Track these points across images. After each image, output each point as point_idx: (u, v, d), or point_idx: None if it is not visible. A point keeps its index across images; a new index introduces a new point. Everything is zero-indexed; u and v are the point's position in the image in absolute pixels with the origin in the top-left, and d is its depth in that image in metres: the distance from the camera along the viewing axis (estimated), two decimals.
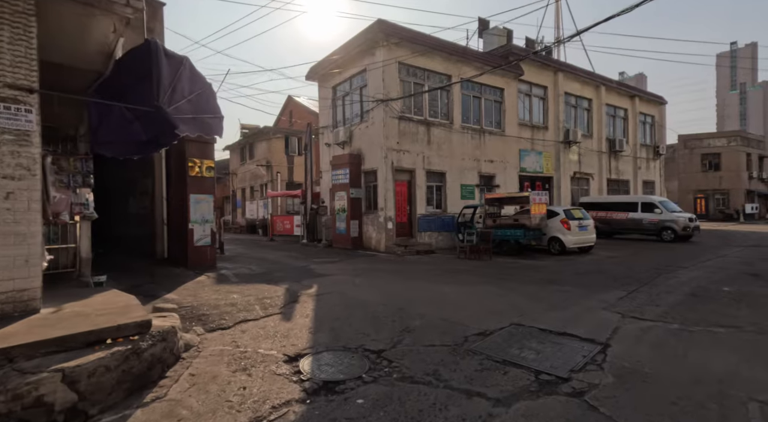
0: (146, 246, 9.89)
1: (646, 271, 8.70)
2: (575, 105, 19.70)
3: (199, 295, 6.37)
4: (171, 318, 4.01)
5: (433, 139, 14.10)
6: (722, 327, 4.75)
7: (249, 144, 24.47)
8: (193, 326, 4.71)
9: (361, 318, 5.22)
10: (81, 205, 5.08)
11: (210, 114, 4.34)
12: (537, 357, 3.92)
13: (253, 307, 5.71)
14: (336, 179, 14.24)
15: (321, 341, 4.36)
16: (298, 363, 3.75)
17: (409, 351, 4.08)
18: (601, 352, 4.02)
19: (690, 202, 34.72)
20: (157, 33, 9.04)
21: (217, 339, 4.38)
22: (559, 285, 7.42)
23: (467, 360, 3.87)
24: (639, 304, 5.87)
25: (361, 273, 8.89)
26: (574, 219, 12.19)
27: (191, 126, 4.17)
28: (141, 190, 9.94)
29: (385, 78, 12.85)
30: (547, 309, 5.65)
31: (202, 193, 8.87)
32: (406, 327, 4.88)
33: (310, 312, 5.52)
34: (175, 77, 3.99)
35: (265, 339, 4.42)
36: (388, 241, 12.88)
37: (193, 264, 8.70)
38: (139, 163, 9.92)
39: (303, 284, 7.53)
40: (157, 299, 5.95)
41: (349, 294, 6.63)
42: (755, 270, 8.59)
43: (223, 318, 5.13)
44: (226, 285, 7.34)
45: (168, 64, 3.94)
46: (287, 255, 12.12)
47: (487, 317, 5.27)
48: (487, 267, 9.70)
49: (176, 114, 4.01)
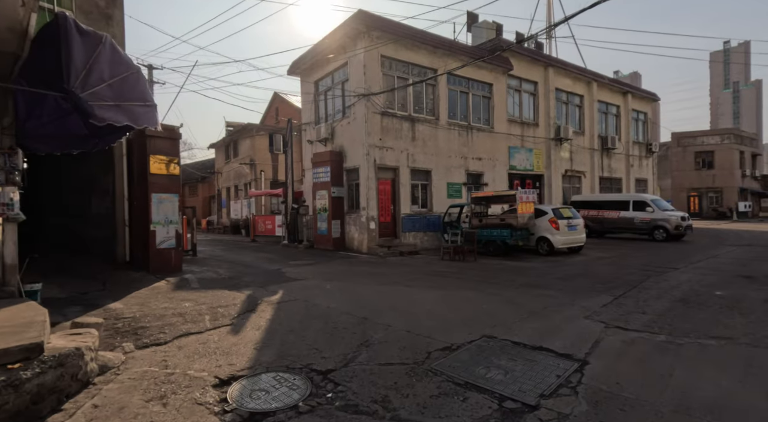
0: (106, 249, 9.32)
1: (635, 273, 8.27)
2: (566, 101, 19.28)
3: (148, 304, 5.84)
4: (86, 335, 3.49)
5: (418, 135, 13.60)
6: (713, 339, 4.30)
7: (233, 142, 23.84)
8: (123, 342, 4.19)
9: (318, 331, 4.72)
10: (4, 206, 4.52)
11: (138, 101, 3.82)
12: (504, 379, 3.45)
13: (203, 318, 5.19)
14: (317, 177, 13.71)
15: (264, 359, 3.86)
16: (228, 389, 3.25)
17: (360, 371, 3.59)
18: (577, 371, 3.55)
19: (683, 200, 34.50)
20: (117, 21, 8.46)
21: (146, 357, 3.86)
22: (543, 289, 6.96)
23: (425, 382, 3.39)
24: (625, 312, 5.41)
25: (335, 277, 8.39)
26: (563, 219, 11.75)
27: (114, 114, 3.65)
28: (102, 189, 9.37)
29: (367, 72, 12.33)
30: (525, 318, 5.19)
31: (165, 192, 8.31)
32: (366, 340, 4.39)
33: (264, 324, 5.01)
34: (92, 58, 3.48)
35: (201, 357, 3.90)
36: (370, 242, 12.38)
37: (156, 269, 8.15)
38: (100, 160, 9.36)
39: (269, 290, 7.02)
40: (97, 309, 5.42)
41: (314, 302, 6.13)
42: (749, 272, 8.18)
43: (163, 332, 4.61)
44: (184, 291, 6.81)
45: (82, 42, 3.42)
46: (263, 258, 11.58)
47: (458, 328, 4.79)
48: (470, 270, 9.24)
49: (93, 100, 3.49)
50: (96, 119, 3.52)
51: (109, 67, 3.63)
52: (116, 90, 3.69)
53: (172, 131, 8.52)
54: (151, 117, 3.97)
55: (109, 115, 3.62)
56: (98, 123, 3.58)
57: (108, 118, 3.59)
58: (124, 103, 3.75)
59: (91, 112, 3.48)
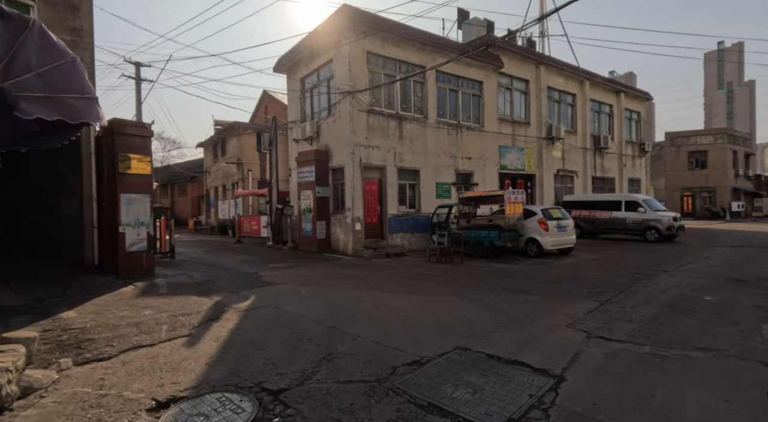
0: (76, 253, 8.92)
1: (624, 277, 8.01)
2: (559, 100, 19.04)
3: (105, 313, 5.48)
4: (8, 354, 3.14)
5: (405, 134, 13.29)
6: (700, 351, 4.02)
7: (221, 140, 23.39)
8: (61, 358, 3.84)
9: (281, 342, 4.40)
10: None
11: (75, 93, 3.48)
12: (472, 398, 3.14)
13: (160, 328, 4.85)
14: (302, 177, 13.36)
15: (213, 376, 3.53)
16: (163, 414, 2.92)
17: (316, 391, 3.27)
18: (552, 390, 3.25)
19: (677, 200, 34.45)
20: (85, 12, 8.06)
21: (83, 376, 3.52)
22: (527, 294, 6.68)
23: (384, 403, 3.07)
24: (609, 319, 5.13)
25: (313, 281, 8.06)
26: (552, 220, 11.48)
27: (44, 108, 3.30)
28: (71, 189, 8.97)
29: (352, 68, 11.99)
30: (504, 327, 4.89)
31: (135, 192, 7.93)
32: (330, 353, 4.07)
33: (225, 334, 4.68)
34: (16, 44, 3.13)
35: (145, 374, 3.57)
36: (356, 244, 12.05)
37: (125, 273, 7.78)
38: (69, 159, 8.96)
39: (240, 295, 6.68)
40: (46, 319, 5.06)
41: (284, 309, 5.80)
42: (740, 275, 7.94)
43: (110, 345, 4.27)
44: (149, 298, 6.45)
45: (3, 25, 3.08)
46: (244, 260, 11.22)
47: (432, 338, 4.49)
48: (455, 273, 8.94)
49: (17, 91, 3.15)
50: (22, 112, 3.18)
51: (37, 54, 3.28)
52: (47, 80, 3.35)
53: (142, 128, 8.14)
54: (90, 111, 3.63)
55: (38, 109, 3.27)
56: (24, 117, 3.23)
57: (36, 111, 3.25)
58: (58, 96, 3.41)
59: (15, 104, 3.14)
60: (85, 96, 3.58)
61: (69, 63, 3.47)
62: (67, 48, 3.49)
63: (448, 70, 14.19)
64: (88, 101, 3.61)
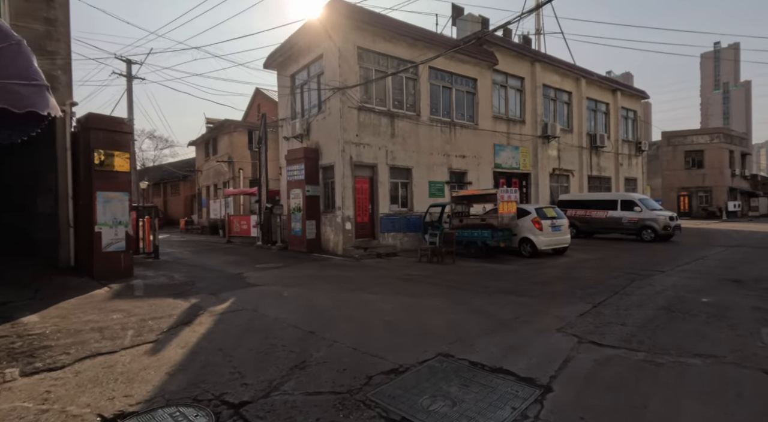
0: (51, 253, 8.60)
1: (619, 277, 7.78)
2: (554, 98, 18.82)
3: (71, 316, 5.18)
4: None
5: (397, 131, 13.01)
6: (698, 357, 3.77)
7: (213, 139, 23.04)
8: (8, 368, 3.55)
9: (251, 349, 4.12)
10: None
11: (21, 79, 3.20)
12: (450, 412, 2.88)
13: (125, 333, 4.56)
14: (291, 175, 13.07)
15: (171, 388, 3.24)
16: None
17: (281, 404, 3.00)
18: (537, 402, 2.98)
19: (673, 199, 34.34)
20: (60, 3, 7.74)
21: (27, 388, 3.23)
22: (518, 296, 6.42)
23: (353, 417, 2.80)
24: (602, 322, 4.88)
25: (298, 282, 7.78)
26: (546, 219, 11.23)
27: None
28: (46, 187, 8.65)
29: (342, 64, 11.71)
30: (491, 331, 4.63)
31: (113, 190, 7.62)
32: (302, 361, 3.80)
33: (194, 340, 4.40)
34: None
35: (96, 386, 3.28)
36: (346, 243, 11.78)
37: (102, 274, 7.47)
38: (45, 156, 8.64)
39: (219, 298, 6.39)
40: (5, 324, 4.75)
41: (262, 312, 5.52)
42: (737, 276, 7.72)
43: (67, 352, 3.97)
44: (121, 300, 6.15)
45: None
46: (230, 261, 10.92)
47: (414, 344, 4.22)
48: (446, 274, 8.68)
49: None
50: None
51: None
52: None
53: (121, 123, 7.83)
54: (39, 100, 3.34)
55: None
56: None
57: None
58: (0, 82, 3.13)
59: None
60: (33, 82, 3.30)
61: (14, 46, 3.19)
62: (11, 29, 3.21)
63: (441, 67, 13.94)
64: (36, 88, 3.33)
